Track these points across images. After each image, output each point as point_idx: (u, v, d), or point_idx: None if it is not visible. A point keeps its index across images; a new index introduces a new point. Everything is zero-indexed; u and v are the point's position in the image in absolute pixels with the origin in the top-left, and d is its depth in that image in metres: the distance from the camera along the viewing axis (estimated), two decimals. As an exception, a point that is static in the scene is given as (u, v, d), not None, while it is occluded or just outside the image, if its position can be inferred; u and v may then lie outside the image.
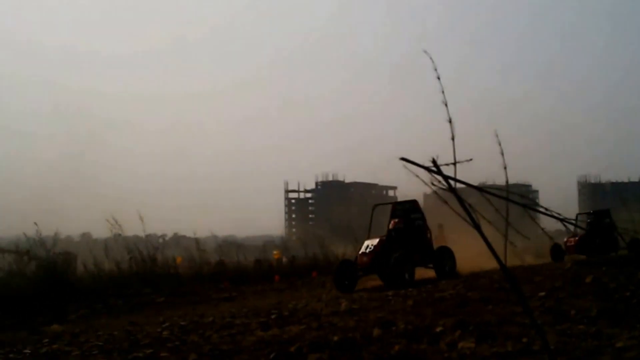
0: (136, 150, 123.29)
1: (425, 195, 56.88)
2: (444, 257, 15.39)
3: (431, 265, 15.20)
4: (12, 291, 13.71)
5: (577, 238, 20.68)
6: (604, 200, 72.11)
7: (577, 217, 20.36)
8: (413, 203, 16.08)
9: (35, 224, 16.09)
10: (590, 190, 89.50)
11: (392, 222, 15.41)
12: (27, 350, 7.79)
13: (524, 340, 5.73)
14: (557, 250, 20.97)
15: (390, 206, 16.21)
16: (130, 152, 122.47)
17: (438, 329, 6.57)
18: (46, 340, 8.76)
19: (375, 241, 14.72)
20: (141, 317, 11.15)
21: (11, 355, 7.47)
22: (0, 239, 18.59)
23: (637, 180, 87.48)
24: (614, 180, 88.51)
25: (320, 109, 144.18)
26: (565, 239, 20.96)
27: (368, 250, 14.50)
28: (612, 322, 6.44)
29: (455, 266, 15.42)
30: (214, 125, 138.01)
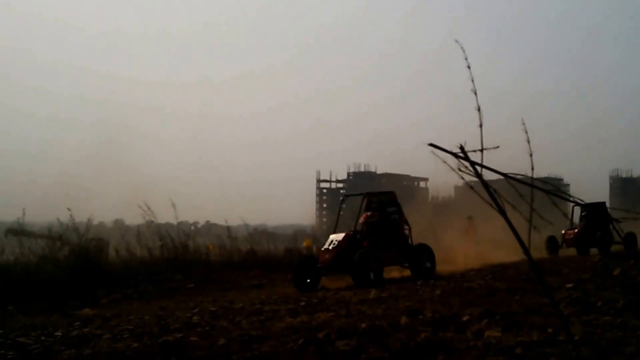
0: (169, 138, 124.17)
1: (456, 188, 56.45)
2: (422, 256, 13.80)
3: (407, 265, 13.91)
4: (44, 276, 13.95)
5: (575, 231, 19.70)
6: (634, 195, 70.66)
7: (572, 209, 19.18)
8: (390, 195, 14.75)
9: (69, 209, 16.42)
10: (622, 185, 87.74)
11: (363, 215, 13.95)
12: (58, 333, 7.93)
13: (550, 330, 5.78)
14: (552, 243, 19.89)
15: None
16: (162, 140, 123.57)
17: (465, 318, 6.64)
18: (77, 323, 8.96)
19: (341, 236, 13.37)
20: (172, 303, 11.36)
21: (43, 338, 7.59)
22: (33, 224, 18.94)
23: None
24: None
25: (352, 98, 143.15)
26: (563, 231, 19.75)
27: (331, 246, 13.14)
28: (639, 314, 6.43)
29: (434, 266, 13.91)
30: (246, 113, 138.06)
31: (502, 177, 3.04)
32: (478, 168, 2.83)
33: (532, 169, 2.82)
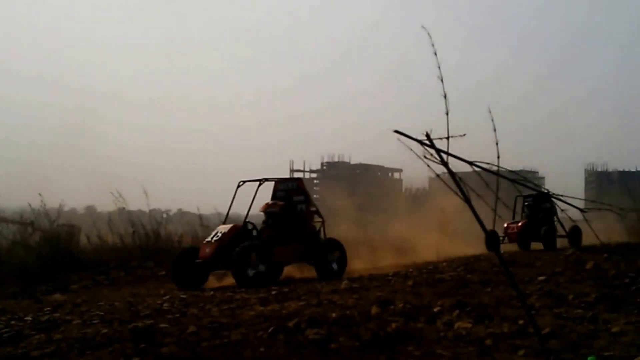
0: (140, 125, 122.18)
1: (430, 179, 56.88)
2: (331, 253, 12.15)
3: (312, 262, 12.22)
4: (15, 261, 13.84)
5: (519, 224, 17.47)
6: (610, 189, 71.48)
7: (515, 200, 17.48)
8: (297, 182, 13.16)
9: (40, 195, 16.21)
10: (597, 178, 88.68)
11: (264, 204, 12.42)
12: (28, 318, 7.87)
13: (520, 322, 5.78)
14: (493, 239, 17.95)
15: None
16: (134, 127, 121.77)
17: (436, 309, 6.64)
18: (48, 309, 8.85)
19: (227, 228, 11.83)
20: (142, 290, 11.23)
21: (12, 322, 7.54)
22: (5, 209, 18.67)
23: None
24: (621, 169, 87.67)
25: (327, 87, 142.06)
26: (505, 225, 17.44)
27: (214, 238, 11.59)
28: (610, 307, 6.50)
29: (344, 266, 12.30)
30: (220, 100, 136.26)
31: (471, 169, 3.00)
32: (444, 156, 2.78)
33: (498, 157, 2.79)
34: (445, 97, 2.66)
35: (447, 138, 2.58)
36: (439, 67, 2.62)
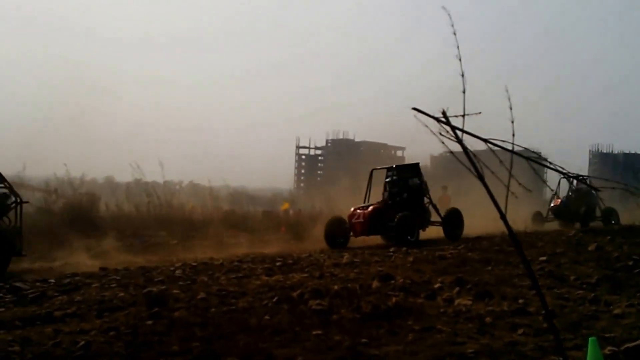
0: (156, 102, 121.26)
1: (432, 157, 56.44)
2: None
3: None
4: (40, 226, 13.95)
5: (367, 210, 12.93)
6: (615, 171, 69.82)
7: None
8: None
9: (65, 165, 16.37)
10: (602, 160, 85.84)
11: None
12: (51, 280, 7.95)
13: (520, 301, 5.61)
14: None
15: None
16: (150, 103, 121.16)
17: (436, 286, 6.48)
18: (69, 272, 8.89)
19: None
20: (156, 257, 11.27)
21: (38, 284, 7.63)
22: (31, 178, 18.78)
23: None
24: (627, 151, 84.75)
25: (332, 62, 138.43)
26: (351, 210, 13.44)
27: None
28: (612, 289, 6.28)
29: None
30: (229, 76, 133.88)
31: (484, 149, 2.90)
32: (459, 133, 2.69)
33: (513, 135, 2.64)
34: (462, 75, 2.56)
35: (463, 116, 2.47)
36: (458, 47, 2.50)
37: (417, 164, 14.74)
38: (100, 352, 4.18)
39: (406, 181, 14.15)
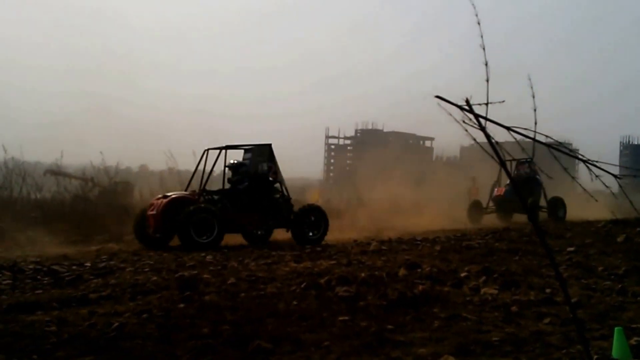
0: (189, 93, 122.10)
1: (462, 148, 55.66)
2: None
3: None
4: (77, 212, 14.28)
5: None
6: (645, 162, 67.48)
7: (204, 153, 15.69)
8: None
9: (101, 153, 16.68)
10: (633, 151, 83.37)
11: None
12: (87, 264, 8.17)
13: (548, 291, 5.55)
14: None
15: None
16: (184, 94, 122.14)
17: (463, 275, 6.45)
18: (104, 256, 9.13)
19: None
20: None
21: (74, 267, 7.84)
22: (68, 166, 19.24)
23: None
24: None
25: (361, 52, 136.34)
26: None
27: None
28: (640, 280, 6.15)
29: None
30: (261, 66, 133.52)
31: (508, 140, 2.90)
32: (482, 121, 2.70)
33: (535, 123, 2.63)
34: (486, 65, 2.55)
35: (487, 104, 2.46)
36: (482, 36, 2.49)
37: (269, 145, 11.79)
38: (134, 333, 4.28)
39: (250, 166, 11.63)
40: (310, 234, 11.31)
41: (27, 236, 11.83)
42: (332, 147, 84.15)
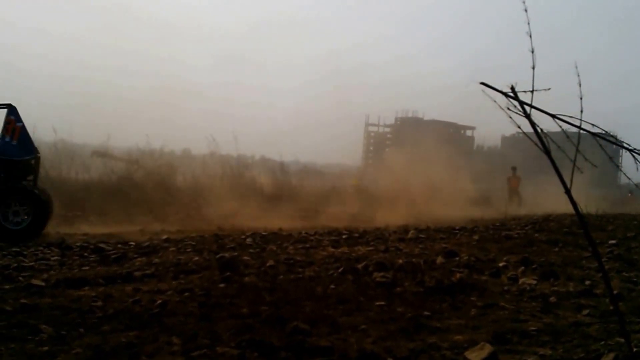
0: (235, 80, 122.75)
1: (503, 138, 54.38)
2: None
3: None
4: (122, 194, 14.66)
5: None
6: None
7: None
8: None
9: (147, 135, 17.02)
10: None
11: None
12: (132, 243, 8.45)
13: (587, 282, 5.43)
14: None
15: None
16: (227, 81, 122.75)
17: (501, 264, 6.36)
18: (148, 236, 9.40)
19: None
20: (228, 225, 11.60)
21: (119, 246, 8.11)
22: (115, 148, 19.72)
23: None
24: None
25: (399, 41, 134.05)
26: None
27: None
28: (684, 275, 5.93)
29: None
30: (298, 55, 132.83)
31: (558, 131, 2.86)
32: (527, 109, 2.66)
33: (581, 111, 2.57)
34: (532, 52, 2.52)
35: (532, 92, 2.42)
36: (528, 23, 2.45)
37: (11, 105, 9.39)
38: (176, 310, 4.39)
39: None
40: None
41: (75, 215, 12.24)
42: (372, 134, 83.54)
